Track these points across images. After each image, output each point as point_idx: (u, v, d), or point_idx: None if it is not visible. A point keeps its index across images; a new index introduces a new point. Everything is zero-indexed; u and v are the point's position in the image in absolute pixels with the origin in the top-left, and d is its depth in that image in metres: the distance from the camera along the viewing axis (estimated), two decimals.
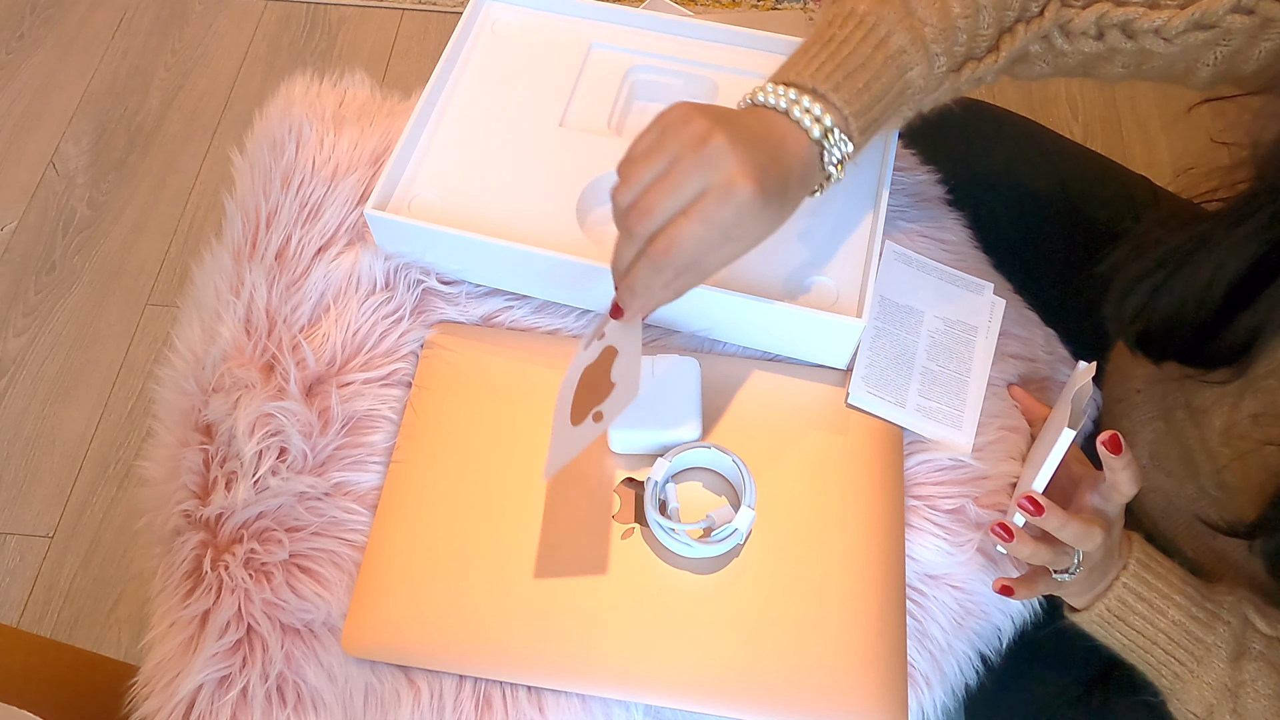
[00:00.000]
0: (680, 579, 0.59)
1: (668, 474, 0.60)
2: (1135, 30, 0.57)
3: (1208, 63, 0.58)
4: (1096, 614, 0.58)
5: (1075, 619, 0.60)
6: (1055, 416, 0.60)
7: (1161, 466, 0.67)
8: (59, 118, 1.61)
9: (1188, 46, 0.57)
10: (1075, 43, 0.59)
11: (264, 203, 0.71)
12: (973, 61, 0.58)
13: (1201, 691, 0.56)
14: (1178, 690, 0.57)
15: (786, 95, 0.53)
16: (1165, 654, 0.57)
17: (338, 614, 0.59)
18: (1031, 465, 0.60)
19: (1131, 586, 0.57)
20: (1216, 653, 0.56)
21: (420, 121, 0.70)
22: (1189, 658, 0.56)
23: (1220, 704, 0.56)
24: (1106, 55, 0.60)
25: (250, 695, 0.57)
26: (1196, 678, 0.56)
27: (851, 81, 0.53)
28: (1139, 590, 0.57)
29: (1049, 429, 0.61)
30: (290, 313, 0.67)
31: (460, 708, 0.57)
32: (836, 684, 0.56)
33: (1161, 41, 0.57)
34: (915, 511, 0.62)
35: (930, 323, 0.68)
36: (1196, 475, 0.63)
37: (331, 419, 0.64)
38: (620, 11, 0.76)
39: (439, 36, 1.70)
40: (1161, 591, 0.57)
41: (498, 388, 0.65)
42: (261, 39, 1.70)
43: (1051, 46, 0.60)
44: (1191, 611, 0.57)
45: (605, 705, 0.57)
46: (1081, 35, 0.59)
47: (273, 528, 0.61)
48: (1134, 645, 0.58)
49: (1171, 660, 0.57)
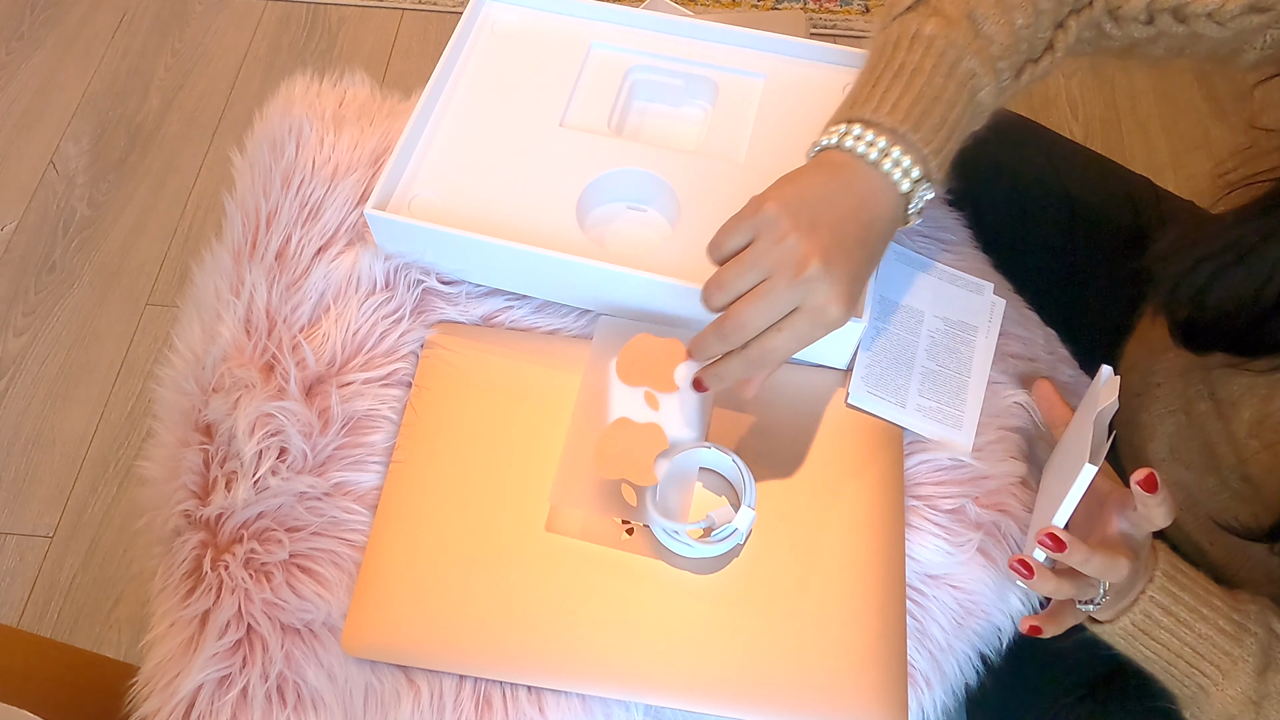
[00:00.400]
0: (680, 579, 0.59)
1: (668, 474, 0.60)
2: (1188, 14, 0.57)
3: (1257, 46, 0.57)
4: (1121, 628, 0.57)
5: (1097, 631, 0.59)
6: (1076, 434, 0.57)
7: (1181, 460, 0.66)
8: (59, 118, 1.61)
9: (1241, 30, 0.56)
10: (1124, 28, 0.59)
11: (264, 203, 0.71)
12: (1030, 64, 0.58)
13: (1225, 704, 0.55)
14: (1200, 700, 0.56)
15: (876, 145, 0.53)
16: (1189, 666, 0.56)
17: (338, 614, 0.59)
18: (1049, 492, 0.58)
19: (1158, 600, 0.55)
20: (1243, 665, 0.55)
21: (420, 121, 0.70)
22: (1214, 670, 0.55)
23: (1242, 715, 0.55)
24: (1153, 39, 0.59)
25: (250, 695, 0.57)
26: (1221, 690, 0.55)
27: (929, 119, 0.53)
28: (1165, 604, 0.55)
29: (1069, 449, 0.58)
30: (290, 313, 0.67)
31: (460, 708, 0.57)
32: (836, 684, 0.56)
33: (1214, 25, 0.56)
34: (915, 511, 0.62)
35: (930, 323, 0.68)
36: (1218, 468, 0.63)
37: (331, 419, 0.64)
38: (620, 11, 0.76)
39: (439, 36, 1.70)
40: (1188, 605, 0.55)
41: (498, 388, 0.65)
42: (261, 39, 1.70)
43: (1100, 32, 0.59)
44: (1219, 624, 0.55)
45: (605, 705, 0.57)
46: (1132, 20, 0.58)
47: (273, 528, 0.61)
48: (1158, 658, 0.57)
49: (1195, 673, 0.56)
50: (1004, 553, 0.62)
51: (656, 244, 0.67)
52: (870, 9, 1.70)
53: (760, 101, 0.73)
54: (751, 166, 0.69)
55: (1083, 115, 1.61)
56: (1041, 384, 0.65)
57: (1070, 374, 0.71)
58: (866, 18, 1.69)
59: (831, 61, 0.74)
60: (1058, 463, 0.61)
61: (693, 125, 0.74)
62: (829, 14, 1.70)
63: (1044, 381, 0.65)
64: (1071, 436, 0.59)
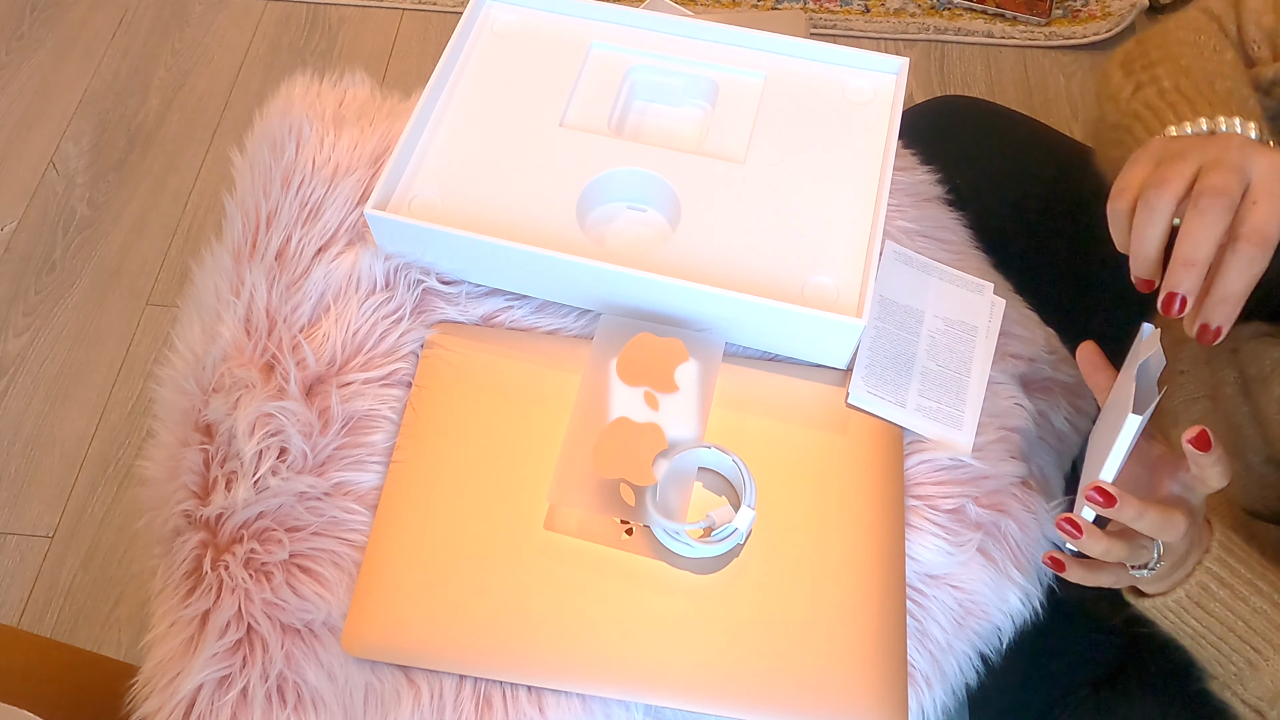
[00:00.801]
0: (680, 579, 0.59)
1: (667, 474, 0.60)
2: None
3: None
4: (1174, 600, 0.55)
5: (1143, 605, 0.57)
6: (1120, 391, 0.55)
7: None
8: (59, 118, 1.61)
9: None
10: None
11: (264, 203, 0.71)
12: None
13: (1274, 679, 0.54)
14: (1245, 677, 0.55)
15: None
16: (1240, 641, 0.54)
17: (338, 614, 0.59)
18: (1096, 451, 0.55)
19: (1215, 571, 0.54)
20: None
21: (420, 121, 0.70)
22: (1265, 645, 0.54)
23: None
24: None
25: (250, 695, 0.57)
26: (1271, 665, 0.54)
27: None
28: (1222, 575, 0.54)
29: (1114, 406, 0.55)
30: (290, 313, 0.67)
31: (460, 708, 0.57)
32: (836, 684, 0.56)
33: None
34: (915, 511, 0.62)
35: (930, 323, 0.68)
36: (1244, 452, 0.62)
37: (331, 419, 0.64)
38: (620, 11, 0.76)
39: (439, 36, 1.70)
40: (1245, 577, 0.54)
41: (498, 388, 0.65)
42: (261, 39, 1.70)
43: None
44: (1275, 598, 0.54)
45: (605, 705, 0.57)
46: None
47: (273, 528, 0.61)
48: (1209, 632, 0.55)
49: (1245, 647, 0.54)
50: (1004, 553, 0.62)
51: (656, 244, 0.67)
52: (870, 9, 1.70)
53: (760, 101, 0.73)
54: (751, 166, 0.69)
55: (1083, 115, 1.60)
56: (1085, 346, 0.62)
57: (1071, 374, 0.71)
58: (866, 18, 1.69)
59: (831, 61, 0.74)
60: (1103, 424, 0.58)
61: (693, 125, 0.74)
62: (829, 14, 1.70)
63: (1088, 344, 0.62)
64: (1117, 394, 0.57)
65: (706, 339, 0.65)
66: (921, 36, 1.68)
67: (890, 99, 0.72)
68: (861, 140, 0.70)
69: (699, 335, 0.65)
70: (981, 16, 1.69)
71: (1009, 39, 1.67)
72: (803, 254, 0.66)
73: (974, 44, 1.67)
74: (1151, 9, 1.69)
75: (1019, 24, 1.68)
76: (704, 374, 0.64)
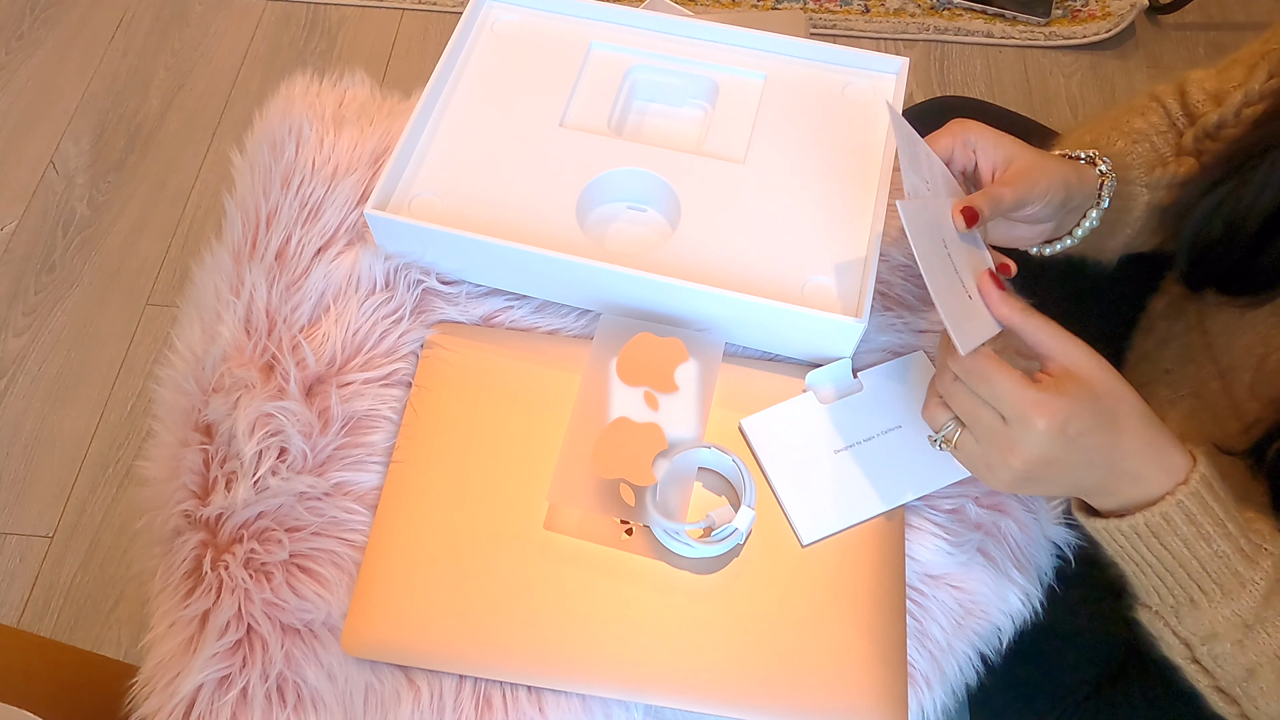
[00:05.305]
0: (680, 579, 0.59)
1: (667, 474, 0.60)
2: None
3: None
4: (1129, 524, 0.52)
5: (1093, 525, 0.55)
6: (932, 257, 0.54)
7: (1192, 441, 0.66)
8: (59, 118, 1.61)
9: None
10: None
11: (264, 203, 0.71)
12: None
13: (1213, 622, 0.52)
14: (1182, 612, 0.54)
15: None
16: (1188, 578, 0.52)
17: (338, 614, 0.59)
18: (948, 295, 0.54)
19: (1186, 506, 0.51)
20: (1251, 589, 0.52)
21: (420, 121, 0.70)
22: (1214, 588, 0.52)
23: (1225, 635, 0.52)
24: None
25: (250, 695, 0.57)
26: (1214, 607, 0.52)
27: None
28: (1193, 513, 0.51)
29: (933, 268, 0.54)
30: (290, 313, 0.67)
31: (460, 708, 0.57)
32: (836, 684, 0.56)
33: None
34: (915, 511, 0.62)
35: None
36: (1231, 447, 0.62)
37: (331, 419, 0.64)
38: (620, 11, 0.76)
39: (439, 36, 1.70)
40: (1216, 518, 0.52)
41: (498, 388, 0.65)
42: (261, 39, 1.70)
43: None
44: (1239, 544, 0.52)
45: (605, 705, 0.57)
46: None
47: (273, 528, 0.61)
48: (1156, 562, 0.53)
49: (1193, 585, 0.53)
50: (1004, 553, 0.62)
51: (656, 244, 0.67)
52: (870, 9, 1.70)
53: (760, 101, 0.73)
54: (751, 166, 0.69)
55: (1082, 115, 1.60)
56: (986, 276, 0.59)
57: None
58: (866, 18, 1.69)
59: (831, 61, 0.74)
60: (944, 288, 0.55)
61: (693, 125, 0.74)
62: (829, 14, 1.70)
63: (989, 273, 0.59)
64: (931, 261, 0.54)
65: (706, 339, 0.65)
66: (921, 36, 1.68)
67: (890, 99, 0.72)
68: (861, 140, 0.70)
69: (699, 335, 0.65)
70: (981, 17, 1.69)
71: (1009, 39, 1.67)
72: (803, 254, 0.66)
73: (974, 44, 1.67)
74: (1151, 9, 1.69)
75: (1019, 24, 1.68)
76: (704, 374, 0.64)
